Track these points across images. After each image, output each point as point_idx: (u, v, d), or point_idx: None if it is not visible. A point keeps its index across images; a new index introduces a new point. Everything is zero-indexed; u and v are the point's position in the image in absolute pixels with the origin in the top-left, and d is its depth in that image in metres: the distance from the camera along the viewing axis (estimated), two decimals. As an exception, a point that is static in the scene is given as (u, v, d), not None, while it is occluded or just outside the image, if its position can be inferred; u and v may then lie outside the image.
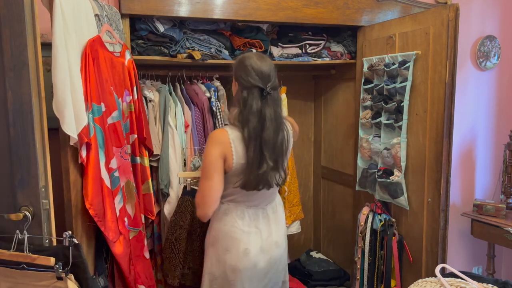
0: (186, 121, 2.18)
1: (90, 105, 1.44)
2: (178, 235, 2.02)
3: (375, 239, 2.32)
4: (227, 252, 1.71)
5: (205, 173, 1.64)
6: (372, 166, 2.35)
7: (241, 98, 1.64)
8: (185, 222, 2.01)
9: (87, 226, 1.52)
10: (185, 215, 2.02)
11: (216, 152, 1.62)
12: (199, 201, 1.66)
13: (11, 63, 1.24)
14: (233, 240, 1.71)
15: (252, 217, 1.75)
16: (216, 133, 1.68)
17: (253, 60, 1.65)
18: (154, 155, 2.04)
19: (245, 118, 1.62)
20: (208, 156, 1.63)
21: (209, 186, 1.63)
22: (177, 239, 2.02)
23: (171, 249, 2.03)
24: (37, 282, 1.26)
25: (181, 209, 2.03)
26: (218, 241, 1.73)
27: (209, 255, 1.78)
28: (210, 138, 1.66)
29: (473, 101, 2.85)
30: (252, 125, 1.61)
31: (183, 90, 2.30)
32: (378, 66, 2.28)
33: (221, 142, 1.63)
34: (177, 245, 2.02)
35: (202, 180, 1.65)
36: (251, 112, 1.62)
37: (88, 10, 1.56)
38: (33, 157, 1.27)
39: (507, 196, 2.75)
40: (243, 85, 1.64)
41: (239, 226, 1.72)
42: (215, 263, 1.75)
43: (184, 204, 2.03)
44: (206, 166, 1.64)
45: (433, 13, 2.04)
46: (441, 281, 1.17)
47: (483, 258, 2.92)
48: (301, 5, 2.28)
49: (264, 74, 1.63)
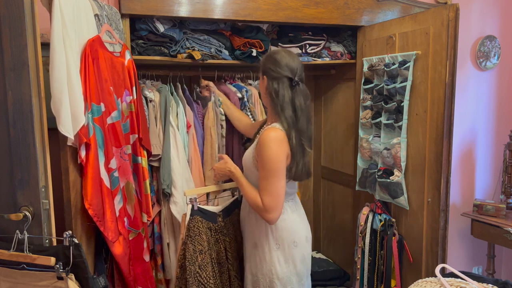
0: (188, 121, 2.18)
1: (89, 105, 1.44)
2: (201, 263, 1.80)
3: (375, 239, 2.32)
4: (294, 247, 1.79)
5: (275, 175, 1.65)
6: (372, 166, 2.35)
7: (272, 90, 1.71)
8: (203, 246, 1.81)
9: (87, 226, 1.52)
10: (201, 237, 1.82)
11: (282, 151, 1.66)
12: (273, 204, 1.65)
13: (11, 63, 1.24)
14: (296, 232, 1.80)
15: (296, 206, 1.87)
16: (273, 132, 1.67)
17: (281, 54, 1.74)
18: (154, 155, 2.04)
19: (281, 107, 1.69)
20: (275, 157, 1.64)
21: (281, 187, 1.66)
22: (201, 267, 1.80)
23: (198, 281, 1.79)
24: (37, 282, 1.26)
25: (194, 233, 1.82)
26: (284, 240, 1.78)
27: (275, 261, 1.77)
28: (271, 139, 1.65)
29: (473, 101, 2.85)
30: (288, 114, 1.69)
31: (185, 91, 2.30)
32: (378, 66, 2.28)
33: (282, 140, 1.67)
34: (203, 274, 1.80)
35: (273, 182, 1.65)
36: (285, 101, 1.69)
37: (88, 10, 1.56)
38: (33, 157, 1.27)
39: (507, 196, 2.75)
40: (273, 77, 1.71)
41: (296, 218, 1.82)
42: (284, 265, 1.78)
43: (196, 226, 1.83)
44: (275, 167, 1.64)
45: (433, 13, 2.04)
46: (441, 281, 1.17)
47: (483, 258, 2.92)
48: (301, 5, 2.28)
49: (292, 65, 1.72)
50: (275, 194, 1.65)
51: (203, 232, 1.84)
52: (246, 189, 1.77)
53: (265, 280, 1.80)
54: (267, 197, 1.65)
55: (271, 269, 1.78)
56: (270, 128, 1.70)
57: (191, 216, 1.84)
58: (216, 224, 1.92)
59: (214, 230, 1.91)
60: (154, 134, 2.05)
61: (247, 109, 2.31)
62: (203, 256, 1.81)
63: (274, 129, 1.69)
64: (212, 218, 1.91)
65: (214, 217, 1.92)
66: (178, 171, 2.08)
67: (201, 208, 1.89)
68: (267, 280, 1.79)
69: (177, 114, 2.15)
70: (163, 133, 2.09)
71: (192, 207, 1.86)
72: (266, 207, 1.66)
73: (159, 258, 2.17)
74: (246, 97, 2.35)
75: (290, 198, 1.84)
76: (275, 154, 1.64)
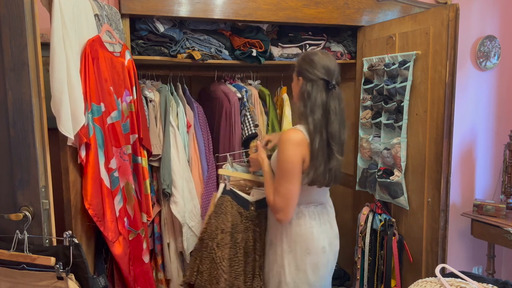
0: (188, 121, 2.18)
1: (89, 105, 1.44)
2: (220, 241, 1.81)
3: (375, 239, 2.32)
4: (307, 254, 1.74)
5: (287, 177, 1.63)
6: (372, 166, 2.35)
7: (305, 91, 1.67)
8: (227, 225, 1.82)
9: (87, 226, 1.52)
10: (227, 217, 1.83)
11: (297, 154, 1.62)
12: (282, 205, 1.64)
13: (11, 63, 1.24)
14: (311, 240, 1.74)
15: (320, 214, 1.79)
16: (292, 134, 1.65)
17: (318, 56, 1.69)
18: (154, 155, 2.04)
19: (310, 109, 1.65)
20: (289, 159, 1.62)
21: (292, 190, 1.63)
22: (219, 246, 1.81)
23: (212, 258, 1.80)
24: (37, 282, 1.26)
25: (221, 211, 1.84)
26: (296, 245, 1.74)
27: (285, 265, 1.75)
28: (289, 140, 1.63)
29: (473, 101, 2.85)
30: (317, 117, 1.63)
31: (186, 90, 2.30)
32: (378, 66, 2.28)
33: (300, 143, 1.63)
34: (218, 252, 1.80)
35: (284, 183, 1.63)
36: (316, 104, 1.64)
37: (88, 10, 1.56)
38: (33, 157, 1.27)
39: (507, 196, 2.75)
40: (308, 78, 1.67)
41: (314, 226, 1.75)
42: (294, 270, 1.75)
43: (224, 205, 1.85)
44: (288, 169, 1.62)
45: (433, 13, 2.04)
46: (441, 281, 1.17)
47: (483, 258, 2.92)
48: (301, 5, 2.28)
49: (329, 68, 1.67)
50: (284, 196, 1.64)
51: (229, 212, 1.84)
52: (266, 184, 1.76)
53: (275, 281, 1.80)
54: (277, 197, 1.65)
55: (280, 271, 1.76)
56: (291, 129, 1.69)
57: (222, 194, 1.87)
58: (247, 211, 1.90)
59: (245, 217, 1.90)
60: (154, 134, 2.05)
61: (246, 109, 2.31)
62: (224, 236, 1.82)
63: (294, 130, 1.66)
64: (244, 204, 1.90)
65: (246, 204, 1.91)
66: (178, 171, 2.08)
67: (234, 191, 1.90)
68: (276, 281, 1.79)
69: (177, 114, 2.15)
70: (163, 133, 2.09)
71: (224, 186, 1.89)
72: (276, 206, 1.66)
73: (159, 258, 2.17)
74: (246, 97, 2.34)
75: (312, 205, 1.78)
76: (289, 156, 1.62)
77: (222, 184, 1.89)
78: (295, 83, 1.75)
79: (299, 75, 1.72)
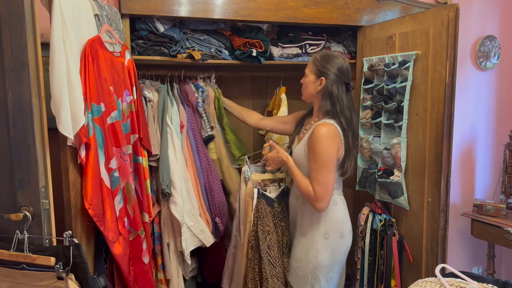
0: (181, 121, 2.18)
1: (89, 105, 1.44)
2: (269, 243, 1.91)
3: (375, 239, 2.32)
4: (341, 238, 1.93)
5: (327, 166, 1.78)
6: (372, 166, 2.35)
7: (333, 92, 1.84)
8: (270, 227, 1.92)
9: (87, 226, 1.52)
10: (268, 218, 1.93)
11: (334, 145, 1.79)
12: (323, 193, 1.78)
13: (11, 63, 1.24)
14: (343, 224, 1.95)
15: (344, 201, 2.01)
16: (326, 128, 1.80)
17: (340, 59, 1.87)
18: (153, 155, 2.04)
19: (341, 110, 1.84)
20: (327, 150, 1.78)
21: (331, 179, 1.79)
22: (270, 247, 1.90)
23: (268, 261, 1.88)
24: (37, 282, 1.27)
25: (262, 214, 1.93)
26: (332, 231, 1.91)
27: (319, 250, 1.89)
28: (325, 134, 1.78)
29: (473, 101, 2.85)
30: (348, 116, 1.84)
31: (179, 91, 2.29)
32: (378, 66, 2.28)
33: (334, 136, 1.80)
34: (272, 253, 1.90)
35: (324, 173, 1.78)
36: (345, 105, 1.84)
37: (88, 10, 1.56)
38: (33, 157, 1.27)
39: (507, 196, 2.75)
40: (334, 80, 1.84)
41: (345, 211, 1.98)
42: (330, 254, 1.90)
43: (263, 208, 1.94)
44: (326, 159, 1.77)
45: (433, 13, 2.04)
46: (441, 281, 1.17)
47: (483, 258, 2.92)
48: (301, 5, 2.28)
49: (348, 71, 1.89)
50: (325, 184, 1.77)
51: (267, 214, 1.94)
52: (299, 178, 1.87)
53: (309, 266, 1.91)
54: (318, 186, 1.78)
55: (317, 256, 1.89)
56: (322, 124, 1.82)
57: (258, 199, 1.96)
58: (273, 209, 2.00)
59: (273, 215, 1.99)
60: (153, 134, 2.05)
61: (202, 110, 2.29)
62: (271, 237, 1.92)
63: (327, 124, 1.81)
64: (270, 202, 2.01)
65: (272, 202, 2.01)
66: (176, 171, 2.08)
67: (264, 193, 1.99)
68: (311, 267, 1.91)
69: (172, 114, 2.14)
70: (160, 133, 2.09)
71: (258, 190, 1.98)
72: (317, 196, 1.78)
73: (159, 258, 2.17)
74: (202, 97, 2.31)
75: (341, 193, 2.00)
76: (326, 147, 1.77)
77: (256, 189, 1.98)
78: (311, 81, 1.89)
79: (320, 75, 1.86)
